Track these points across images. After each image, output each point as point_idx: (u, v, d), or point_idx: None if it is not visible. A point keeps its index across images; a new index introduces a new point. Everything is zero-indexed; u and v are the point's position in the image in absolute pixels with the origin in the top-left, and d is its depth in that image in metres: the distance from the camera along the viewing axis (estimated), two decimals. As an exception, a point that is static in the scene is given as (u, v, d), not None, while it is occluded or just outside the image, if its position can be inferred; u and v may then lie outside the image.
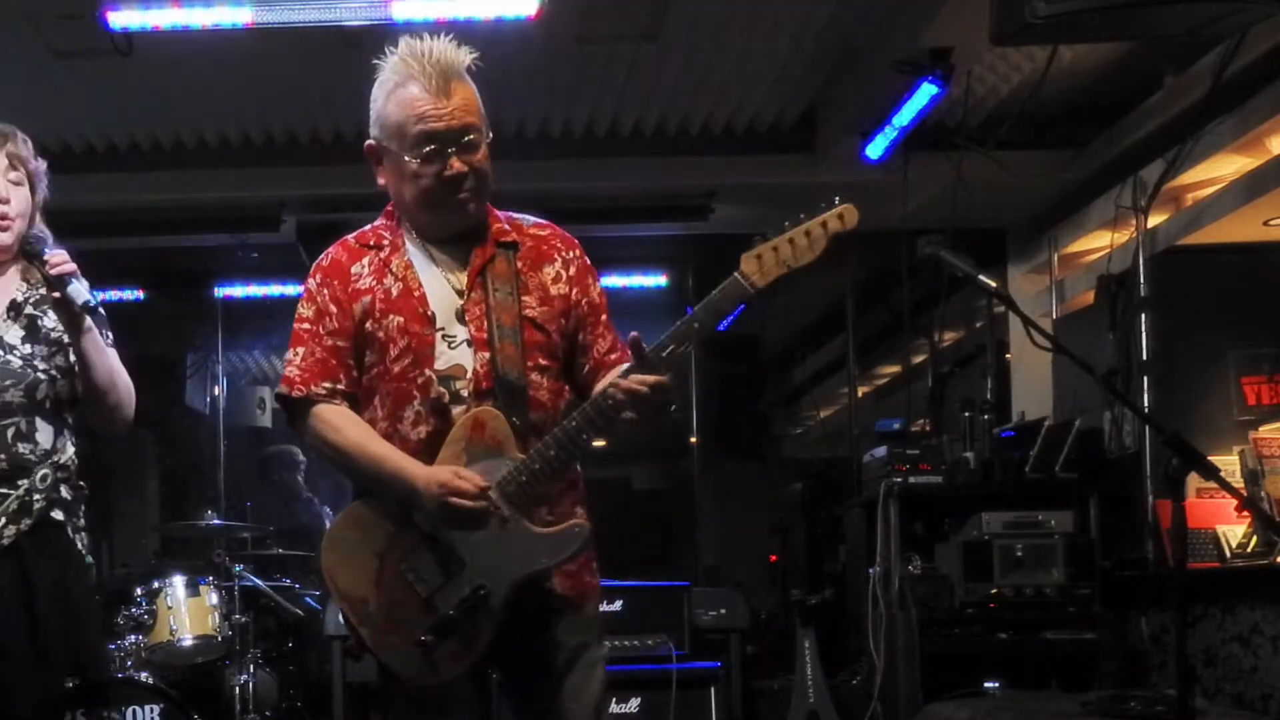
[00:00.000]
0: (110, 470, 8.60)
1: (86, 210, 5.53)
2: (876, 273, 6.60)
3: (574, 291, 2.39)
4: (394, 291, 2.33)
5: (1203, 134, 4.50)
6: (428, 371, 2.29)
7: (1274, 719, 3.98)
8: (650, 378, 2.15)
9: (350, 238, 2.45)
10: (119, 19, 4.16)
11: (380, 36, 4.46)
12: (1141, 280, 4.90)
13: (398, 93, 2.28)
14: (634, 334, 2.19)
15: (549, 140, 5.63)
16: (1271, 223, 4.68)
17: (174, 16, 4.16)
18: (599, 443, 2.33)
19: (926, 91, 4.50)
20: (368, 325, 2.34)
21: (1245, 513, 4.18)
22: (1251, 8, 3.27)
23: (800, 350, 8.84)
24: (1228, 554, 4.32)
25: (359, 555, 2.32)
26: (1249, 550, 4.26)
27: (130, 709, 4.29)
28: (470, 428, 2.26)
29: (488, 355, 2.28)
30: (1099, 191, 5.28)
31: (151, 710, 4.32)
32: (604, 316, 2.42)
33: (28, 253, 2.59)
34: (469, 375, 2.29)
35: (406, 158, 2.27)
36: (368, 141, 2.37)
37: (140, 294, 6.98)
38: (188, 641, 4.74)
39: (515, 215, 2.45)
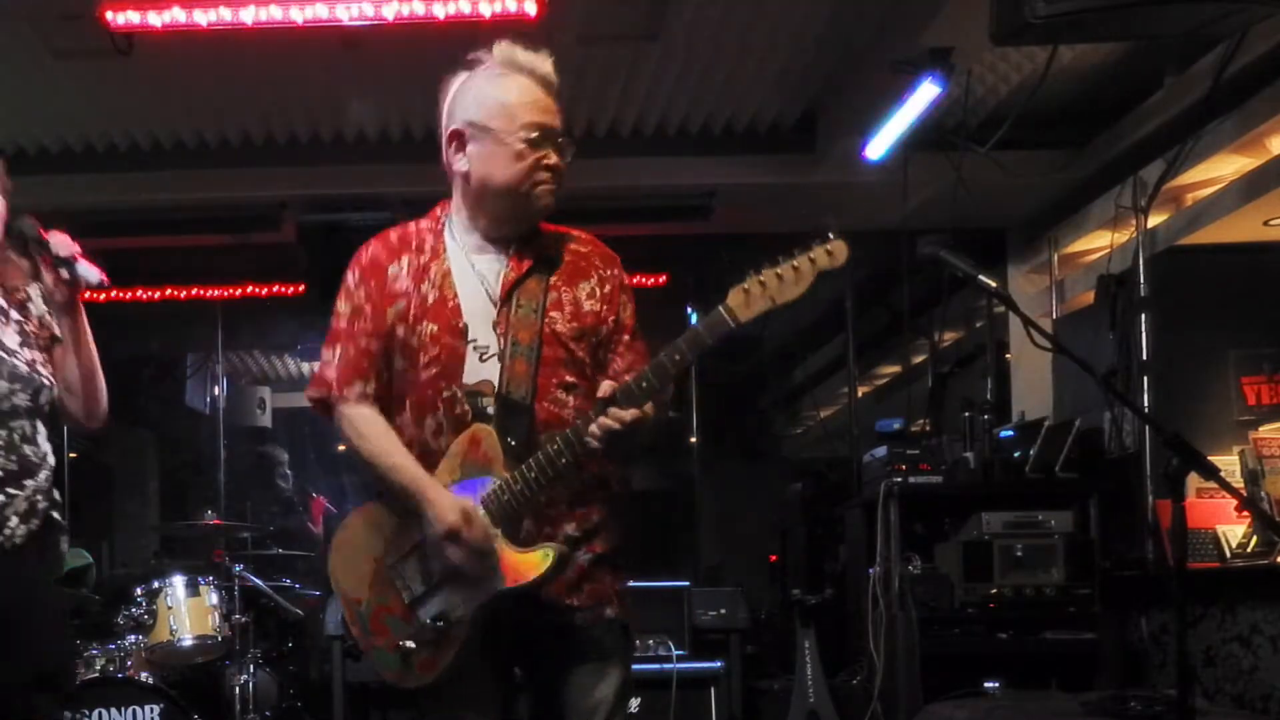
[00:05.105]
0: (110, 470, 8.61)
1: (87, 210, 5.53)
2: (876, 273, 6.60)
3: (604, 309, 2.36)
4: (430, 299, 2.32)
5: (1203, 134, 4.50)
6: (453, 386, 2.29)
7: (1274, 719, 3.98)
8: (627, 413, 2.15)
9: (392, 234, 2.43)
10: (119, 19, 4.16)
11: (379, 36, 4.53)
12: (1141, 280, 4.90)
13: (508, 80, 2.29)
14: (606, 382, 2.19)
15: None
16: (1271, 223, 4.68)
17: (174, 17, 4.16)
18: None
19: (926, 91, 4.50)
20: (400, 330, 2.33)
21: (1245, 513, 4.18)
22: (1251, 8, 3.27)
23: (800, 350, 8.83)
24: (1228, 554, 4.32)
25: (358, 558, 2.37)
26: (1249, 550, 4.26)
27: (130, 709, 4.30)
28: (467, 443, 2.27)
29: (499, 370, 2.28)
30: (1099, 191, 5.28)
31: (151, 710, 4.33)
32: (627, 337, 2.39)
33: (22, 237, 2.54)
34: (493, 391, 2.28)
35: (515, 138, 2.26)
36: (454, 126, 2.33)
37: (141, 294, 6.97)
38: (188, 641, 4.74)
39: (562, 229, 2.44)
